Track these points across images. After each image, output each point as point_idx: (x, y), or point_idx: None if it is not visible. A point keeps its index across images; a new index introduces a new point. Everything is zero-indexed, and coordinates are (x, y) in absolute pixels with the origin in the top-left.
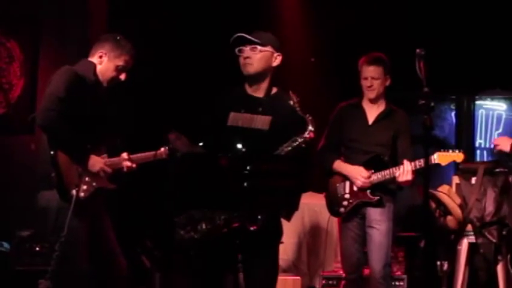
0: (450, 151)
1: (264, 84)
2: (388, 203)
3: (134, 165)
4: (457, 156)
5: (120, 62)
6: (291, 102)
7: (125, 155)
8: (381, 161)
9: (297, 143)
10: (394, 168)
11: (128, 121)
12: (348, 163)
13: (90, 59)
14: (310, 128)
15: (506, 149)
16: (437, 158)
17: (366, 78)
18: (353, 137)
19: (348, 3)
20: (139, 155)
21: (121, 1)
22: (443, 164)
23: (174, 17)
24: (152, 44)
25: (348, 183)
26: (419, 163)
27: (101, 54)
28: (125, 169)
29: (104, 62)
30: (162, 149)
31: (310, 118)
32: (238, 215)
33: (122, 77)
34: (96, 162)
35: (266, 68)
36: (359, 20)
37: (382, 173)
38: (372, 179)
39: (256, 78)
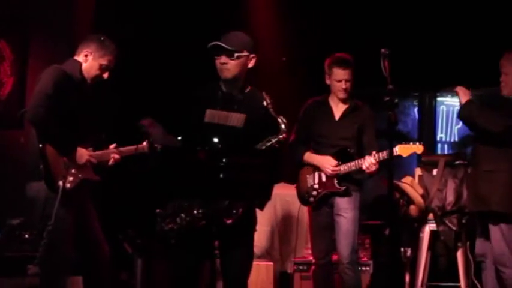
0: (411, 143)
1: (239, 84)
2: (354, 193)
3: (119, 157)
4: (417, 148)
5: (103, 62)
6: (265, 103)
7: (112, 147)
8: (347, 153)
9: (271, 143)
10: (359, 160)
11: (110, 117)
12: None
13: (75, 57)
14: (283, 129)
15: (462, 98)
16: (398, 150)
17: (339, 81)
18: (321, 132)
19: (317, 5)
20: (123, 148)
21: (106, 3)
22: (404, 155)
23: (155, 18)
24: (133, 44)
25: (317, 174)
26: (383, 155)
27: (86, 53)
28: (112, 161)
29: (89, 61)
30: (144, 143)
31: (283, 120)
32: (215, 208)
33: (105, 75)
34: (83, 154)
35: (242, 71)
36: (327, 20)
37: (349, 164)
38: (339, 170)
39: (233, 81)
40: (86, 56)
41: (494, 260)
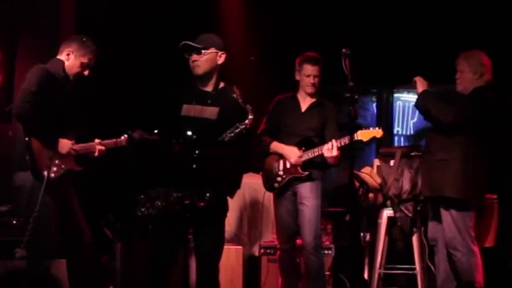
0: (371, 128)
1: (212, 80)
2: (316, 182)
3: (104, 149)
4: (377, 132)
5: (84, 60)
6: (234, 95)
7: (97, 141)
8: (311, 141)
9: (239, 129)
10: (322, 146)
11: (91, 112)
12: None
13: (58, 56)
14: (250, 116)
15: (420, 88)
16: (360, 134)
17: (308, 76)
18: (288, 122)
19: (283, 9)
20: (104, 141)
21: (87, 7)
22: (364, 139)
23: (133, 20)
24: (113, 44)
25: (281, 162)
26: (344, 140)
27: (68, 52)
28: (97, 153)
29: (71, 59)
30: (122, 137)
31: (250, 108)
32: (189, 193)
33: (86, 72)
34: (65, 145)
35: (212, 67)
36: (292, 22)
37: (312, 150)
38: (303, 156)
39: (204, 77)
40: (68, 54)
41: (446, 244)
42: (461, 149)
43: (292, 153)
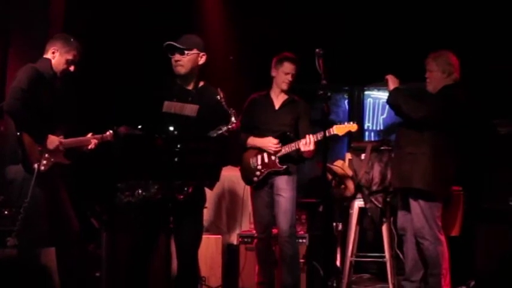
0: (346, 123)
1: (193, 79)
2: (292, 174)
3: (97, 143)
4: (352, 126)
5: (69, 56)
6: (218, 97)
7: (90, 135)
8: (287, 136)
9: (221, 131)
10: (299, 141)
11: (77, 108)
12: None
13: (45, 55)
14: (233, 119)
15: (391, 85)
16: (335, 129)
17: (287, 74)
18: (263, 120)
19: (260, 10)
20: (93, 136)
21: (76, 9)
22: (340, 133)
23: (118, 21)
24: (98, 44)
25: (259, 156)
26: (320, 135)
27: (53, 50)
28: (92, 145)
29: (56, 57)
30: (108, 133)
31: (233, 112)
32: (169, 186)
33: (71, 68)
34: (53, 141)
35: (194, 67)
36: (269, 23)
37: (289, 145)
38: (281, 148)
39: (186, 76)
40: (53, 53)
41: (414, 233)
42: (429, 143)
43: (270, 142)
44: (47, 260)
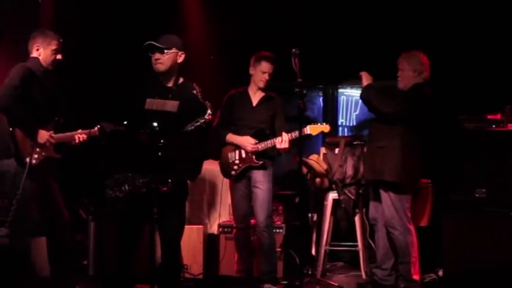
0: (319, 124)
1: (173, 77)
2: (269, 168)
3: (86, 138)
4: (324, 127)
5: (53, 46)
6: (195, 92)
7: (80, 131)
8: (263, 133)
9: (199, 123)
10: (274, 139)
11: (67, 104)
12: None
13: (31, 55)
14: (209, 112)
15: (364, 82)
16: (309, 129)
17: (264, 72)
18: (241, 116)
19: (238, 12)
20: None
21: (63, 12)
22: (313, 133)
23: (104, 22)
24: (85, 44)
25: (237, 152)
26: (295, 134)
27: (37, 47)
28: (80, 139)
29: (42, 52)
30: (95, 128)
31: (209, 104)
32: (153, 179)
33: (59, 56)
34: (43, 135)
35: (173, 65)
36: (247, 24)
37: (265, 142)
38: (257, 147)
39: (166, 74)
40: (37, 50)
41: (385, 223)
42: (400, 138)
43: (247, 142)
44: (37, 249)
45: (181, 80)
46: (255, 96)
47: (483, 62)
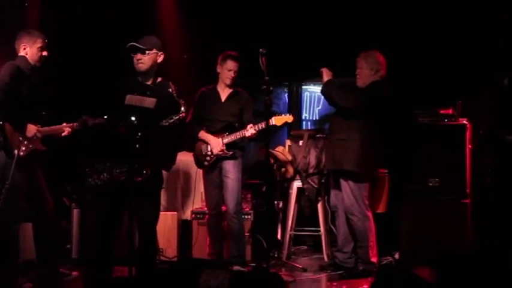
0: (283, 115)
1: (152, 76)
2: (238, 158)
3: (70, 131)
4: (288, 118)
5: (39, 44)
6: (170, 90)
7: (64, 124)
8: (232, 126)
9: (173, 120)
10: (242, 130)
11: (52, 100)
12: (209, 132)
13: (19, 54)
14: (183, 109)
15: (325, 77)
16: (274, 120)
17: (230, 70)
18: (212, 111)
19: (209, 14)
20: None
21: (48, 14)
22: (278, 124)
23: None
24: (70, 42)
25: (209, 145)
26: (261, 125)
27: (23, 46)
28: (65, 132)
29: (29, 51)
30: (78, 122)
31: (183, 102)
32: (129, 169)
33: (45, 53)
34: (31, 129)
35: (153, 65)
36: (217, 25)
37: (235, 134)
38: (228, 138)
39: (146, 73)
40: (24, 49)
41: (345, 210)
42: (358, 130)
43: (216, 145)
44: (25, 234)
45: (159, 79)
46: (224, 93)
47: (436, 61)
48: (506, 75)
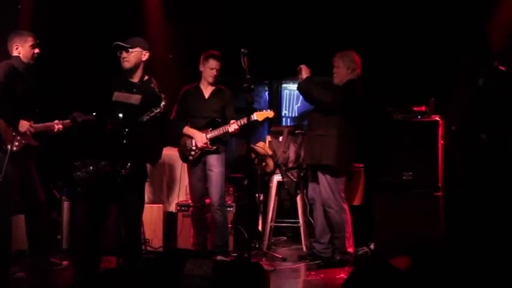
0: (264, 110)
1: (138, 73)
2: (222, 153)
3: (62, 127)
4: (269, 113)
5: (30, 42)
6: (153, 85)
7: (57, 121)
8: (216, 122)
9: (154, 113)
10: (225, 126)
11: (45, 98)
12: (193, 128)
13: (12, 54)
14: (163, 102)
15: (304, 74)
16: (256, 115)
17: (212, 69)
18: (195, 108)
19: (193, 16)
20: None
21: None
22: (260, 119)
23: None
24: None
25: (194, 140)
26: (243, 120)
27: (16, 46)
28: (56, 130)
29: (21, 50)
30: (69, 119)
31: (163, 96)
32: (114, 163)
33: (37, 50)
34: (24, 125)
35: (138, 63)
36: (201, 26)
37: (218, 129)
38: (211, 134)
39: (132, 70)
40: (17, 48)
41: (322, 202)
42: (336, 127)
43: (200, 139)
44: (17, 225)
45: (146, 77)
46: (207, 90)
47: (410, 60)
48: (481, 76)
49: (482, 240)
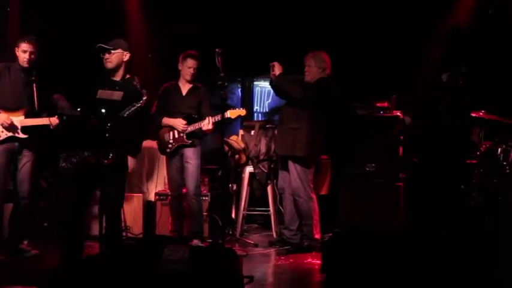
0: (237, 109)
1: (120, 72)
2: (197, 146)
3: (58, 123)
4: (241, 111)
5: (21, 48)
6: (135, 83)
7: (53, 119)
8: (192, 117)
9: (135, 107)
10: (200, 122)
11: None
12: None
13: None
14: (144, 97)
15: (276, 71)
16: (229, 113)
17: (190, 68)
18: (173, 104)
19: (170, 18)
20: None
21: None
22: (233, 117)
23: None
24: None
25: (171, 133)
26: (218, 117)
27: (16, 50)
28: (52, 125)
29: (17, 54)
30: (55, 117)
31: (144, 92)
32: (97, 153)
33: (27, 56)
34: (1, 117)
35: (119, 63)
36: (178, 28)
37: (194, 125)
38: (187, 127)
39: (114, 70)
40: (16, 52)
41: (291, 192)
42: (307, 121)
43: (179, 123)
44: (6, 213)
45: (128, 75)
46: (184, 87)
47: (373, 59)
48: (446, 71)
49: (438, 226)
